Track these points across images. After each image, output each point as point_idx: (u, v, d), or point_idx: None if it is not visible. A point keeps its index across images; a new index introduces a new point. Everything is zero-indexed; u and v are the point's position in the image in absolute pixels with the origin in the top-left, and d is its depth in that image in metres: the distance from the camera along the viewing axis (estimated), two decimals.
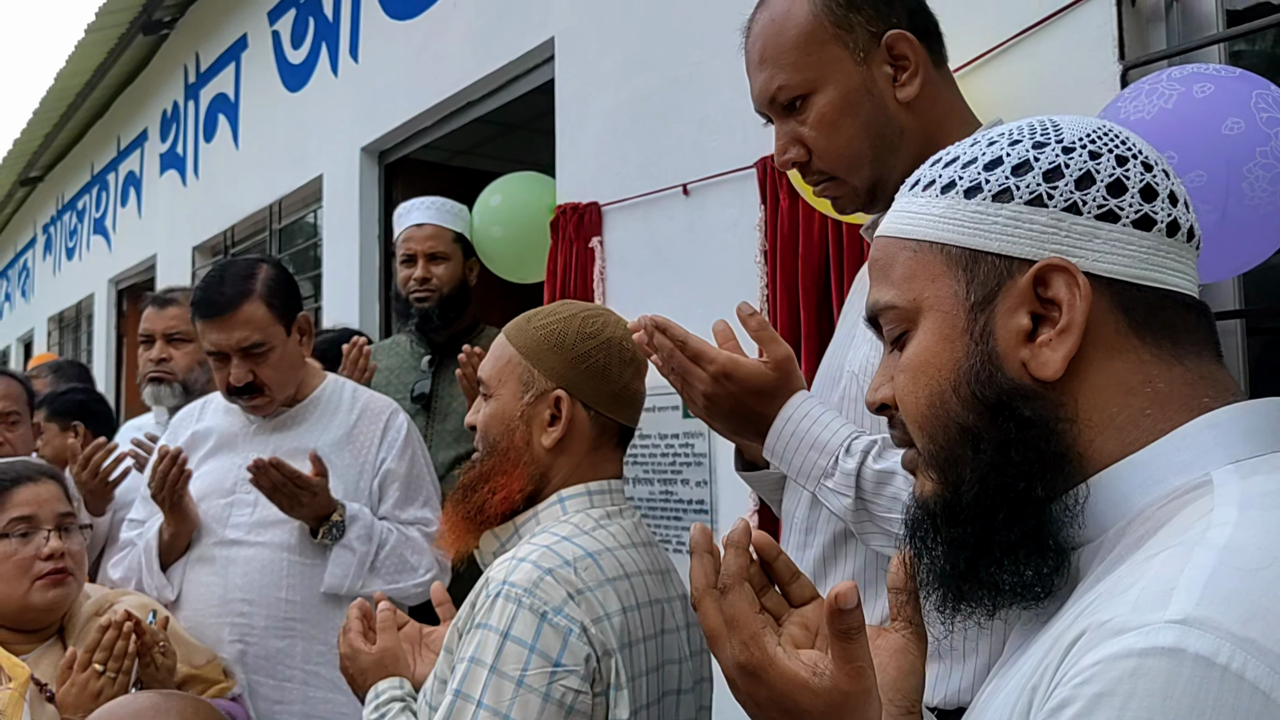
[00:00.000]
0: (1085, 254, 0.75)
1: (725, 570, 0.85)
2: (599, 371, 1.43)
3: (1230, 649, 0.58)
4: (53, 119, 8.33)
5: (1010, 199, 0.77)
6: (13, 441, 2.82)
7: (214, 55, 5.95)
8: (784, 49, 1.36)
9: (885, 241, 0.85)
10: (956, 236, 0.79)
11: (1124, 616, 0.62)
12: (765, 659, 0.81)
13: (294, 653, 2.21)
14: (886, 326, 0.85)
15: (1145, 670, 0.59)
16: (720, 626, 0.84)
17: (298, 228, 5.31)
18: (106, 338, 8.14)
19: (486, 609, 1.26)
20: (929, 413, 0.80)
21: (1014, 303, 0.77)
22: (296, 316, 2.33)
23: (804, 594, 0.92)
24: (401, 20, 4.02)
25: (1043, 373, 0.75)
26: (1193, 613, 0.60)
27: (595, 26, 3.00)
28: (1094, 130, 0.79)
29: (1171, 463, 0.73)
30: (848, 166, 1.37)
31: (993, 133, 0.82)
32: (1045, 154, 0.78)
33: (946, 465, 0.79)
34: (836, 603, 0.77)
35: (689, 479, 2.64)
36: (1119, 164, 0.77)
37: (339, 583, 2.21)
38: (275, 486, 2.12)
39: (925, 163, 0.86)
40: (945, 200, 0.80)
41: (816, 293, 2.23)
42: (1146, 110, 1.39)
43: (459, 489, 1.47)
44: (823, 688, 0.79)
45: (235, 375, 2.22)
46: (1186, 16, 1.69)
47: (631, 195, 2.82)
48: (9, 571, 1.90)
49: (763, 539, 0.91)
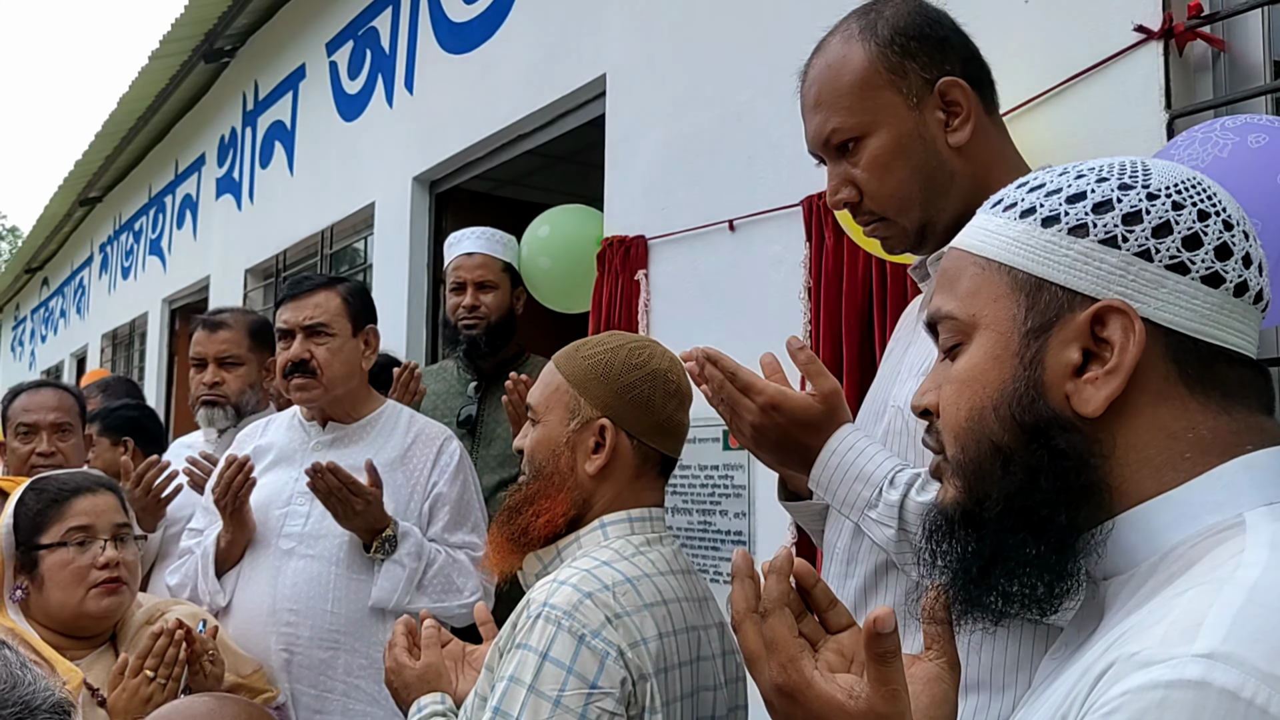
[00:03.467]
0: (1148, 300, 0.76)
1: (767, 595, 0.87)
2: (643, 402, 1.47)
3: (1255, 684, 0.60)
4: (114, 141, 8.52)
5: (1086, 235, 0.78)
6: (65, 451, 2.86)
7: (272, 84, 6.09)
8: (839, 93, 1.39)
9: (957, 254, 0.87)
10: (1026, 262, 0.81)
11: (1152, 649, 0.64)
12: (803, 681, 0.83)
13: (336, 665, 2.25)
14: (943, 335, 0.87)
15: (1171, 702, 0.61)
16: (760, 649, 0.86)
17: (348, 254, 5.40)
18: (159, 356, 8.28)
19: (527, 630, 1.29)
20: (966, 425, 0.82)
21: (1069, 336, 0.78)
22: (366, 326, 2.45)
23: (840, 621, 0.94)
24: (457, 54, 4.11)
25: (1084, 409, 0.77)
26: (1219, 648, 0.61)
27: (647, 64, 3.06)
28: (1183, 180, 0.79)
29: (1206, 501, 0.74)
30: (898, 208, 1.39)
31: (1083, 166, 0.83)
32: (1129, 197, 0.78)
33: (973, 477, 0.81)
34: (875, 626, 0.79)
35: (728, 510, 2.66)
36: (1200, 219, 0.77)
37: (387, 597, 2.26)
38: (330, 491, 2.18)
39: (1012, 184, 0.87)
40: (1023, 225, 0.82)
41: (859, 330, 2.26)
42: (1200, 159, 1.40)
43: (504, 510, 1.51)
44: (859, 710, 0.81)
45: (294, 351, 2.36)
46: (1234, 66, 1.71)
47: (678, 230, 2.86)
48: (66, 579, 1.94)
49: (803, 566, 0.93)
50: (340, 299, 2.41)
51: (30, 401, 2.91)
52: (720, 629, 1.53)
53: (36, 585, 1.95)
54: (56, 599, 1.94)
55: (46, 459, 2.80)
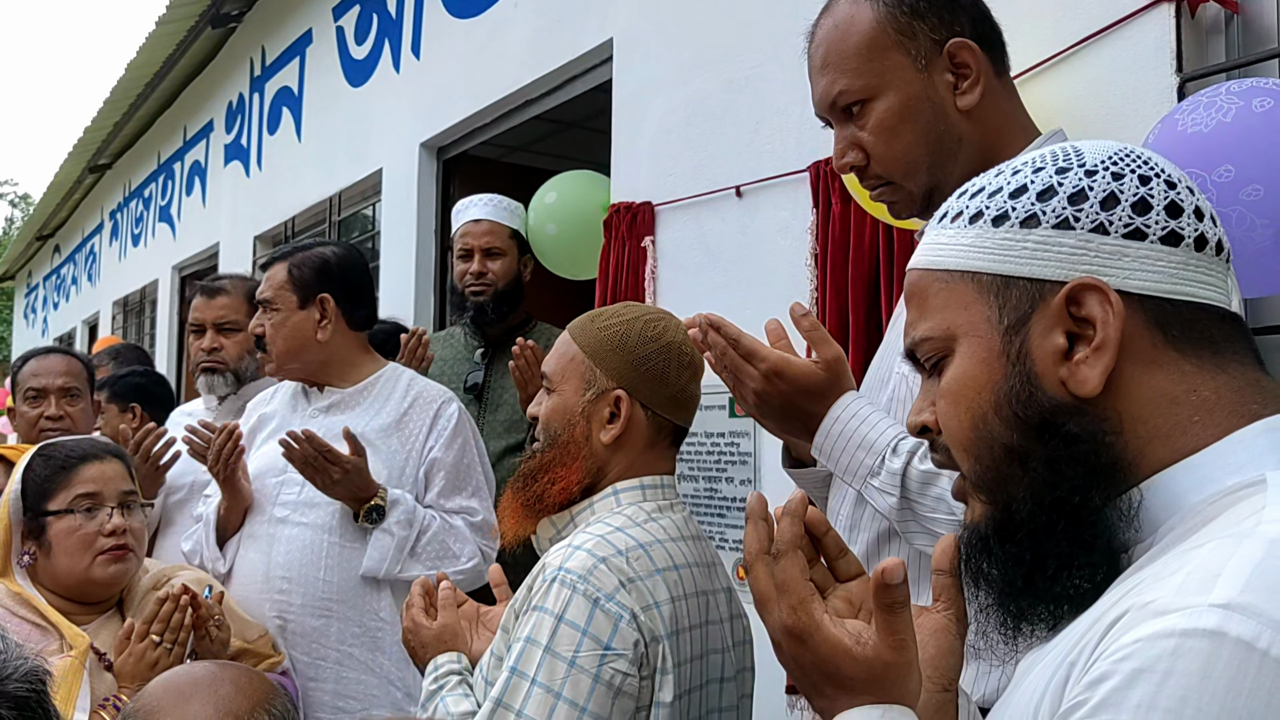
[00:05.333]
0: (1116, 272, 0.77)
1: (780, 537, 0.88)
2: (658, 374, 1.48)
3: (1271, 635, 0.59)
4: (122, 108, 8.51)
5: (1037, 224, 0.79)
6: (74, 416, 2.88)
7: (279, 49, 6.06)
8: (846, 54, 1.38)
9: (917, 274, 0.87)
10: (986, 264, 0.81)
11: (1167, 598, 0.64)
12: (812, 624, 0.84)
13: (329, 632, 2.26)
14: (924, 357, 0.86)
15: (1185, 650, 0.60)
16: (770, 590, 0.87)
17: (356, 220, 5.40)
18: (169, 323, 8.32)
19: (543, 593, 1.32)
20: (973, 435, 0.82)
21: (1048, 323, 0.78)
22: (317, 296, 2.40)
23: (850, 570, 0.94)
24: (463, 19, 4.08)
25: (1082, 389, 0.77)
26: (1236, 598, 0.61)
27: (654, 29, 3.03)
28: (1115, 152, 0.80)
29: (1227, 464, 0.74)
30: (905, 172, 1.38)
31: (1016, 162, 0.84)
32: (1069, 178, 0.79)
33: (995, 485, 0.81)
34: (883, 577, 0.80)
35: (734, 477, 2.66)
36: (1142, 183, 0.78)
37: (377, 566, 2.26)
38: (306, 460, 2.19)
39: (952, 195, 0.87)
40: (973, 230, 0.82)
41: (866, 296, 2.24)
42: (1204, 123, 1.38)
43: (519, 477, 1.52)
44: (865, 656, 0.82)
45: (252, 325, 2.46)
46: (1247, 29, 1.68)
47: (685, 196, 2.84)
48: (73, 546, 1.95)
49: (815, 514, 0.93)
50: (285, 271, 2.41)
51: (39, 366, 2.94)
52: (728, 593, 1.55)
53: (44, 551, 1.96)
54: (64, 565, 1.95)
55: (55, 423, 2.83)
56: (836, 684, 0.83)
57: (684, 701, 1.37)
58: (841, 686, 0.83)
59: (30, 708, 1.00)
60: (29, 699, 1.00)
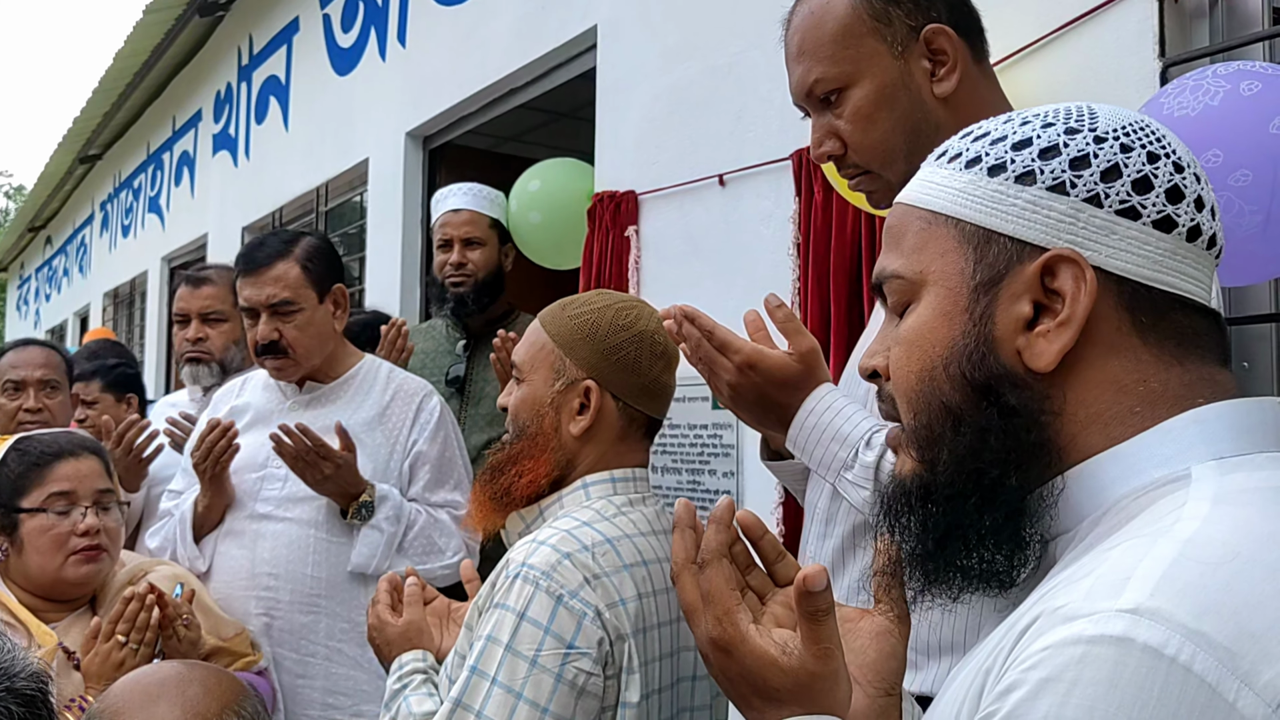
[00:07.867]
0: (1099, 248, 0.73)
1: (705, 546, 0.86)
2: (629, 364, 1.45)
3: (1180, 641, 0.57)
4: (111, 98, 8.49)
5: (1033, 182, 0.75)
6: (52, 409, 2.85)
7: (266, 38, 6.02)
8: (822, 42, 1.36)
9: (903, 209, 0.84)
10: (972, 213, 0.78)
11: (1076, 603, 0.62)
12: (737, 635, 0.82)
13: (318, 629, 2.24)
14: (890, 295, 0.83)
15: (1092, 658, 0.58)
16: (696, 601, 0.85)
17: (344, 210, 5.37)
18: (159, 314, 8.28)
19: (505, 589, 1.29)
20: (918, 387, 0.79)
21: (1019, 289, 0.75)
22: (332, 287, 2.36)
23: (788, 574, 0.93)
24: (449, 6, 4.04)
25: (1035, 363, 0.74)
26: (1145, 603, 0.59)
27: (637, 15, 3.00)
28: (1130, 123, 0.76)
29: (1153, 455, 0.71)
30: (882, 161, 1.36)
31: (1028, 113, 0.80)
32: (1076, 141, 0.75)
33: (926, 443, 0.78)
34: (805, 585, 0.78)
35: (716, 469, 2.64)
36: (1150, 160, 0.74)
37: (366, 562, 2.24)
38: (298, 455, 2.15)
39: (956, 135, 0.84)
40: (968, 175, 0.79)
41: (848, 287, 2.22)
42: (1191, 107, 1.36)
43: (487, 470, 1.49)
44: (791, 667, 0.81)
45: (261, 332, 2.27)
46: (1231, 13, 1.66)
47: (668, 185, 2.82)
48: (45, 545, 1.92)
49: (748, 517, 0.92)
50: (299, 268, 2.29)
51: (18, 359, 2.91)
52: None
53: (16, 548, 1.93)
54: (35, 563, 1.92)
55: (33, 415, 2.80)
56: (764, 695, 0.82)
57: (653, 700, 1.34)
58: (768, 698, 0.82)
59: (37, 705, 1.01)
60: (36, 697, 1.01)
